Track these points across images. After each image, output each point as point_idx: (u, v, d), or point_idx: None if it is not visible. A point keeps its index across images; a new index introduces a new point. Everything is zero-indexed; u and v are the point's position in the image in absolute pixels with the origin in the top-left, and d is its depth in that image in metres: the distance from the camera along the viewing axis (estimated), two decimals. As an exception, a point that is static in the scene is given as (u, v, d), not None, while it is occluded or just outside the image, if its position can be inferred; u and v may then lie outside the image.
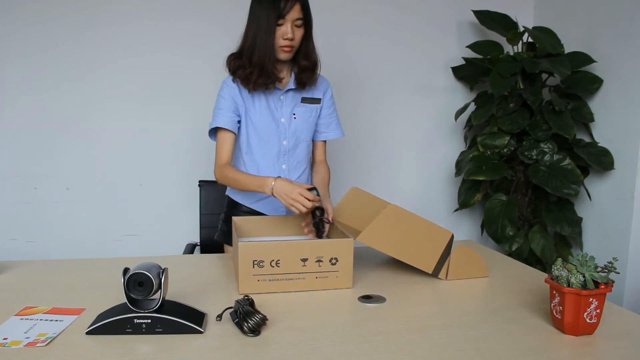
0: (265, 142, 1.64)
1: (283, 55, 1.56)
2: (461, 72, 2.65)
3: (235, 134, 1.64)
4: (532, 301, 1.21)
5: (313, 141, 1.76)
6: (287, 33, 1.50)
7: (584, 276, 1.00)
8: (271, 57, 1.53)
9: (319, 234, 1.45)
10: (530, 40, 2.42)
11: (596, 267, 1.02)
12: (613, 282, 1.02)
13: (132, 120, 2.34)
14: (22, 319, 1.06)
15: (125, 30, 2.27)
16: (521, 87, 2.37)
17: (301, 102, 1.67)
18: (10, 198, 2.28)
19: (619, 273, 1.06)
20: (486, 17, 2.49)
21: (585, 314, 1.00)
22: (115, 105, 2.31)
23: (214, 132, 1.65)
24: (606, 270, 1.02)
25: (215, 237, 1.77)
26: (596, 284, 1.01)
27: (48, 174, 2.30)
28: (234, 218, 1.50)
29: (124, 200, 2.38)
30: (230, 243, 1.71)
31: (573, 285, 1.00)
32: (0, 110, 2.22)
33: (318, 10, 2.46)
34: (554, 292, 1.04)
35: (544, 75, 2.41)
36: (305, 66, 1.61)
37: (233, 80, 1.61)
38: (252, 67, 1.54)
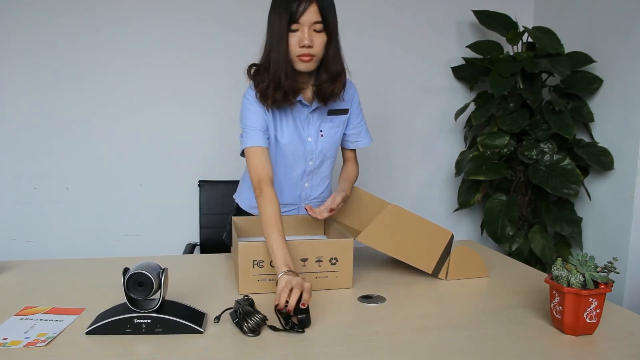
0: (290, 165, 1.50)
1: (302, 66, 1.34)
2: (461, 72, 2.65)
3: (268, 149, 1.43)
4: (532, 301, 1.21)
5: (343, 148, 1.63)
6: (303, 39, 1.29)
7: (583, 276, 1.00)
8: (287, 68, 1.32)
9: (282, 319, 1.10)
10: (530, 40, 2.42)
11: (596, 267, 1.02)
12: (613, 282, 1.02)
13: (132, 120, 2.33)
14: (22, 319, 1.06)
15: (125, 31, 2.27)
16: (521, 87, 2.37)
17: (327, 115, 1.49)
18: (10, 198, 2.27)
19: (618, 273, 1.06)
20: (486, 17, 2.49)
21: (585, 314, 1.00)
22: (115, 105, 2.31)
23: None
24: (606, 270, 1.02)
25: (223, 238, 1.74)
26: (596, 284, 1.01)
27: (48, 174, 2.29)
28: (234, 218, 1.50)
29: (124, 200, 2.38)
30: None
31: (573, 285, 1.00)
32: (0, 110, 2.22)
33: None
34: (554, 292, 1.04)
35: (544, 75, 2.41)
36: (324, 79, 1.38)
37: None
38: (269, 81, 1.35)
